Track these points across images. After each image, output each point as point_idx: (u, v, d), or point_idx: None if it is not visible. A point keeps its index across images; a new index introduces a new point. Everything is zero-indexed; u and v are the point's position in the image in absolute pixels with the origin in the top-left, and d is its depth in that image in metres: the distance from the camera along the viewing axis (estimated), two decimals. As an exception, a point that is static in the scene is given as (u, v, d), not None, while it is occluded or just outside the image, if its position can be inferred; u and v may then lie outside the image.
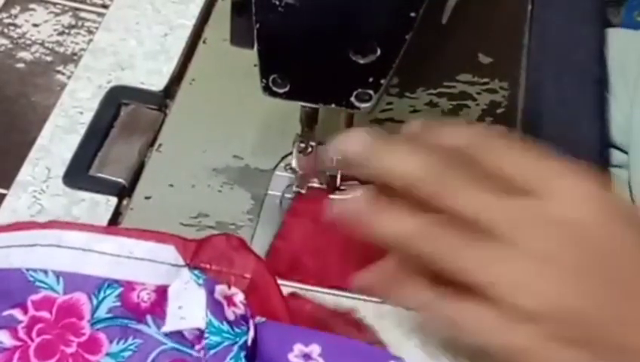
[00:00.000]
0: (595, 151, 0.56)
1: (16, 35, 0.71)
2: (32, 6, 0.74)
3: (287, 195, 0.53)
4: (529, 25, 0.63)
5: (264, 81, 0.43)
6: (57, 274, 0.44)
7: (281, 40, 0.41)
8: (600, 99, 0.59)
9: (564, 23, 0.52)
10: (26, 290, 0.43)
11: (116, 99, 0.59)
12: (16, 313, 0.43)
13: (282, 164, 0.54)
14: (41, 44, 0.70)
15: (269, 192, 0.53)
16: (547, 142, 0.50)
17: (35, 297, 0.43)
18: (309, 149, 0.49)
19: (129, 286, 0.44)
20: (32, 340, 0.42)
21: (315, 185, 0.52)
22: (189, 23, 0.63)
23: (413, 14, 0.39)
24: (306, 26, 0.40)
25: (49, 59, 0.69)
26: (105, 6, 0.70)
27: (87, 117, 0.57)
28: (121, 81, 0.59)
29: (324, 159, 0.44)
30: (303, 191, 0.52)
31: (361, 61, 0.41)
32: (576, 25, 0.54)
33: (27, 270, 0.44)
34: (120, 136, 0.56)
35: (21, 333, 0.43)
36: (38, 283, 0.43)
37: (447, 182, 0.37)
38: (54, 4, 0.74)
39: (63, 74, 0.68)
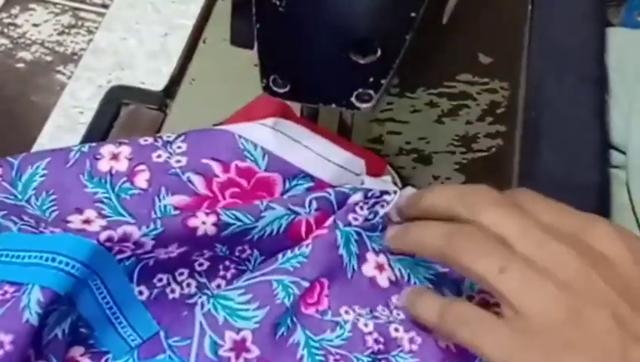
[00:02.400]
0: (596, 151, 0.56)
1: (16, 35, 0.71)
2: (32, 6, 0.74)
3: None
4: (529, 25, 0.63)
5: (264, 81, 0.43)
6: (265, 152, 0.45)
7: (281, 40, 0.41)
8: (600, 99, 0.59)
9: (564, 23, 0.52)
10: (233, 154, 0.45)
11: (116, 99, 0.59)
12: (216, 167, 0.45)
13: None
14: (41, 44, 0.70)
15: (269, 192, 0.53)
16: (547, 142, 0.51)
17: (240, 164, 0.45)
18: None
19: (320, 183, 0.46)
20: (224, 198, 0.45)
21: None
22: (189, 22, 0.64)
23: (413, 14, 0.39)
24: (307, 25, 0.40)
25: (49, 59, 0.69)
26: (105, 6, 0.70)
27: (87, 117, 0.57)
28: (121, 81, 0.60)
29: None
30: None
31: (361, 61, 0.41)
32: (576, 25, 0.54)
33: (240, 136, 0.45)
34: (120, 136, 0.56)
35: (214, 187, 0.45)
36: (245, 153, 0.45)
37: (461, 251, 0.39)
38: (54, 4, 0.74)
39: (63, 74, 0.68)
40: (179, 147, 0.45)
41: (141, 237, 0.41)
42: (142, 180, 0.44)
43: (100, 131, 0.56)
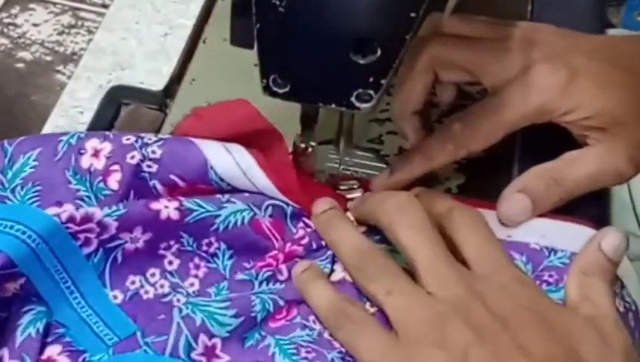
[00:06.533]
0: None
1: (16, 35, 0.71)
2: (31, 6, 0.74)
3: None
4: (529, 25, 0.63)
5: (264, 81, 0.43)
6: (232, 187, 0.46)
7: (281, 40, 0.41)
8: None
9: (564, 23, 0.53)
10: (200, 180, 0.46)
11: (116, 99, 0.59)
12: (181, 184, 0.46)
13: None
14: (41, 44, 0.70)
15: (269, 192, 0.53)
16: (547, 142, 0.51)
17: (205, 187, 0.46)
18: (309, 149, 0.49)
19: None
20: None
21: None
22: (189, 22, 0.64)
23: (413, 14, 0.39)
24: (306, 25, 0.40)
25: (49, 59, 0.69)
26: (105, 6, 0.70)
27: (87, 117, 0.57)
28: (121, 81, 0.60)
29: None
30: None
31: (361, 61, 0.41)
32: (576, 25, 0.54)
33: (211, 168, 0.46)
34: (120, 136, 0.56)
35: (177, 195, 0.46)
36: (213, 183, 0.46)
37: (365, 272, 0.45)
38: (54, 3, 0.74)
39: (63, 74, 0.68)
40: (153, 152, 0.46)
41: (104, 217, 0.42)
42: (114, 181, 0.45)
43: (99, 131, 0.56)
